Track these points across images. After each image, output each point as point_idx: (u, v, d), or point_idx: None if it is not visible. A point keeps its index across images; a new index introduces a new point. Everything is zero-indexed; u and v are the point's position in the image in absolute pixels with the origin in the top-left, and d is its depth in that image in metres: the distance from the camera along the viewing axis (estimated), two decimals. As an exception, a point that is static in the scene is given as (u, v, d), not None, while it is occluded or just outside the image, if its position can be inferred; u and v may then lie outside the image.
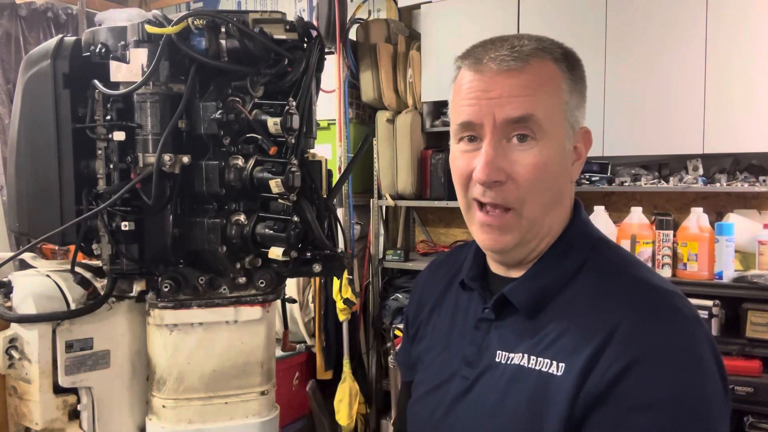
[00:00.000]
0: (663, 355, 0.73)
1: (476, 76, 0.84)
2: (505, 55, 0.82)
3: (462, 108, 0.85)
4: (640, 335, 0.75)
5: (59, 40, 0.98)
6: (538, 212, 0.84)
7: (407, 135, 3.27)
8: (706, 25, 2.64)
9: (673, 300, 0.79)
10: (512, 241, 0.85)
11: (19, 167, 1.00)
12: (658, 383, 0.72)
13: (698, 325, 0.77)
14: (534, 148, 0.82)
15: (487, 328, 0.90)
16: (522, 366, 0.82)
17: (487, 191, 0.83)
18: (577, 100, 0.86)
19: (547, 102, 0.82)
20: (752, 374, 2.39)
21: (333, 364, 3.33)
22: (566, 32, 2.90)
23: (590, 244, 0.89)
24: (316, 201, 1.00)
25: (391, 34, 3.42)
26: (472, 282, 0.97)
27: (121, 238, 0.95)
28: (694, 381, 0.72)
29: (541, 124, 0.81)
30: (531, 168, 0.81)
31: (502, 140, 0.82)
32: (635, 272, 0.84)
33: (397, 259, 3.40)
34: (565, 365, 0.78)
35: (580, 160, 0.89)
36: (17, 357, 0.96)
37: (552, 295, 0.85)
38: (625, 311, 0.77)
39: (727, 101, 2.63)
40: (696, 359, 0.74)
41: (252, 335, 1.02)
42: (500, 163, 0.82)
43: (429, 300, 1.07)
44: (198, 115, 0.96)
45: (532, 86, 0.81)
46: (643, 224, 2.73)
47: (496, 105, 0.81)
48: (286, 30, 0.97)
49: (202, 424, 1.00)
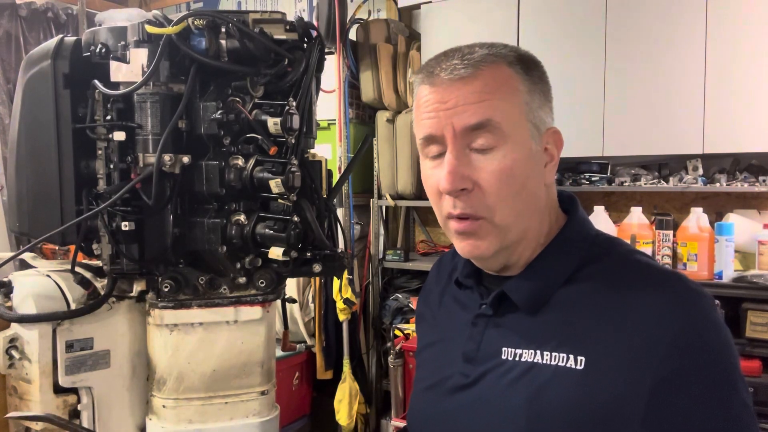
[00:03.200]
0: (705, 343, 0.76)
1: (431, 89, 0.84)
2: (455, 63, 0.82)
3: (423, 122, 0.85)
4: (683, 328, 0.76)
5: (59, 40, 0.98)
6: (511, 219, 0.83)
7: (407, 135, 3.27)
8: (706, 25, 2.64)
9: (685, 280, 0.82)
10: (490, 247, 0.85)
11: (19, 167, 1.00)
12: (710, 404, 0.75)
13: (713, 309, 0.80)
14: (498, 153, 0.81)
15: (485, 324, 0.90)
16: (536, 363, 0.82)
17: (456, 202, 0.83)
18: (539, 101, 0.85)
19: (504, 105, 0.81)
20: (752, 374, 2.39)
21: (333, 364, 3.33)
22: (566, 32, 2.90)
23: (589, 240, 0.89)
24: (316, 201, 1.00)
25: (391, 34, 3.42)
26: (466, 279, 0.97)
27: (121, 238, 0.95)
28: (727, 361, 0.77)
29: (501, 127, 0.81)
30: (496, 174, 0.81)
31: (464, 149, 0.82)
32: (641, 258, 0.85)
33: (397, 259, 3.40)
34: (585, 358, 0.78)
35: (553, 162, 0.88)
36: (17, 357, 0.96)
37: (553, 290, 0.85)
38: (646, 296, 0.79)
39: (727, 101, 2.63)
40: (722, 334, 0.78)
41: (252, 335, 1.02)
42: (464, 172, 0.81)
43: (433, 297, 1.07)
44: (198, 115, 0.96)
45: (486, 91, 0.81)
46: (643, 224, 2.74)
47: (453, 114, 0.81)
48: (286, 30, 0.97)
49: (202, 424, 1.00)
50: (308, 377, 3.41)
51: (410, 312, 3.28)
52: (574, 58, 2.85)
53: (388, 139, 3.33)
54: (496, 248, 0.85)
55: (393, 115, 3.34)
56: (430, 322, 1.06)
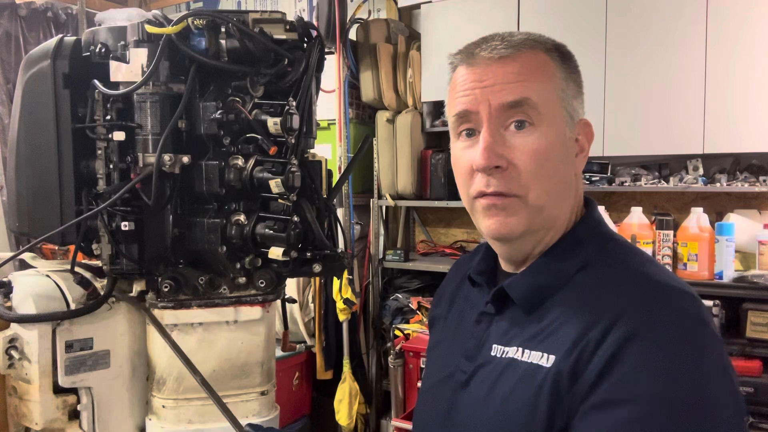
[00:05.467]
0: (654, 352, 0.70)
1: (470, 69, 0.84)
2: (496, 44, 0.83)
3: (458, 100, 0.85)
4: (633, 333, 0.72)
5: (59, 40, 0.98)
6: (544, 200, 0.82)
7: (407, 135, 3.27)
8: (706, 25, 2.64)
9: (677, 298, 0.76)
10: (519, 225, 0.83)
11: (19, 167, 1.00)
12: (645, 378, 0.69)
13: (701, 326, 0.74)
14: (533, 134, 0.81)
15: (489, 323, 0.89)
16: (515, 359, 0.81)
17: (491, 180, 0.82)
18: (573, 90, 0.86)
19: (541, 88, 0.82)
20: (752, 374, 2.39)
21: (333, 364, 3.33)
22: (566, 32, 2.90)
23: (599, 241, 0.87)
24: (316, 201, 1.00)
25: (391, 34, 3.42)
26: (477, 276, 0.96)
27: (121, 238, 0.95)
28: (688, 383, 0.69)
29: (538, 108, 0.81)
30: (532, 153, 0.80)
31: (500, 128, 0.82)
32: (642, 269, 0.82)
33: (397, 259, 3.40)
34: (555, 357, 0.77)
35: (584, 153, 0.88)
36: (17, 357, 0.96)
37: (553, 291, 0.84)
38: (623, 306, 0.75)
39: (727, 101, 2.63)
40: (692, 359, 0.71)
41: (252, 335, 1.02)
42: (499, 150, 0.81)
43: (446, 297, 1.07)
44: (198, 115, 0.96)
45: (525, 72, 0.81)
46: (643, 224, 2.73)
47: (490, 92, 0.81)
48: (286, 30, 0.97)
49: (202, 424, 1.00)
50: (308, 377, 3.41)
51: (410, 312, 3.28)
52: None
53: (388, 139, 3.33)
54: (524, 228, 0.83)
55: (393, 115, 3.34)
56: (441, 324, 1.05)
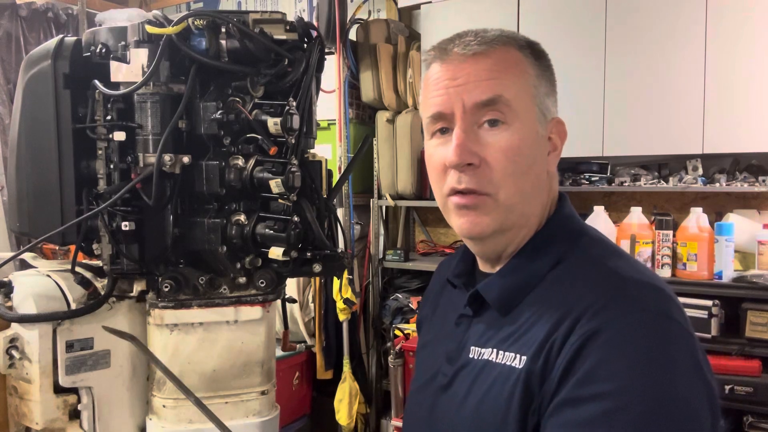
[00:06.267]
0: (618, 346, 0.69)
1: (443, 66, 0.84)
2: (470, 39, 0.83)
3: (431, 100, 0.85)
4: (597, 329, 0.71)
5: (59, 41, 0.98)
6: (515, 199, 0.82)
7: (407, 135, 3.28)
8: (706, 25, 2.65)
9: (644, 292, 0.75)
10: (490, 224, 0.83)
11: (19, 167, 1.00)
12: (609, 373, 0.68)
13: (666, 320, 0.72)
14: (506, 132, 0.81)
15: (468, 325, 0.89)
16: (490, 360, 0.81)
17: (462, 176, 0.82)
18: (546, 88, 0.86)
19: (514, 85, 0.82)
20: (752, 374, 2.39)
21: (333, 364, 3.33)
22: (566, 32, 2.90)
23: (571, 237, 0.86)
24: (316, 201, 1.00)
25: (391, 34, 3.42)
26: (455, 279, 0.96)
27: (121, 238, 0.95)
28: (652, 376, 0.68)
29: (511, 105, 0.81)
30: (504, 151, 0.81)
31: (473, 126, 0.82)
32: (612, 264, 0.80)
33: (397, 259, 3.40)
34: (526, 357, 0.76)
35: (556, 152, 0.88)
36: (18, 357, 0.96)
37: (526, 291, 0.83)
38: (589, 302, 0.74)
39: (727, 101, 2.63)
40: (656, 352, 0.69)
41: (252, 335, 1.03)
42: (473, 147, 0.81)
43: (431, 299, 1.08)
44: (198, 115, 0.96)
45: (497, 69, 0.82)
46: (643, 224, 2.73)
47: (464, 91, 0.81)
48: (286, 30, 0.97)
49: (202, 424, 1.00)
50: (308, 377, 3.41)
51: (410, 312, 3.28)
52: (574, 58, 2.85)
53: (388, 139, 3.34)
54: (496, 227, 0.83)
55: (393, 115, 3.34)
56: (427, 326, 1.06)
